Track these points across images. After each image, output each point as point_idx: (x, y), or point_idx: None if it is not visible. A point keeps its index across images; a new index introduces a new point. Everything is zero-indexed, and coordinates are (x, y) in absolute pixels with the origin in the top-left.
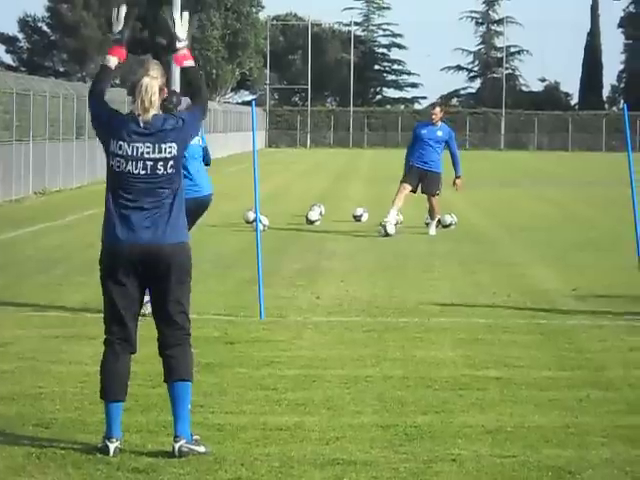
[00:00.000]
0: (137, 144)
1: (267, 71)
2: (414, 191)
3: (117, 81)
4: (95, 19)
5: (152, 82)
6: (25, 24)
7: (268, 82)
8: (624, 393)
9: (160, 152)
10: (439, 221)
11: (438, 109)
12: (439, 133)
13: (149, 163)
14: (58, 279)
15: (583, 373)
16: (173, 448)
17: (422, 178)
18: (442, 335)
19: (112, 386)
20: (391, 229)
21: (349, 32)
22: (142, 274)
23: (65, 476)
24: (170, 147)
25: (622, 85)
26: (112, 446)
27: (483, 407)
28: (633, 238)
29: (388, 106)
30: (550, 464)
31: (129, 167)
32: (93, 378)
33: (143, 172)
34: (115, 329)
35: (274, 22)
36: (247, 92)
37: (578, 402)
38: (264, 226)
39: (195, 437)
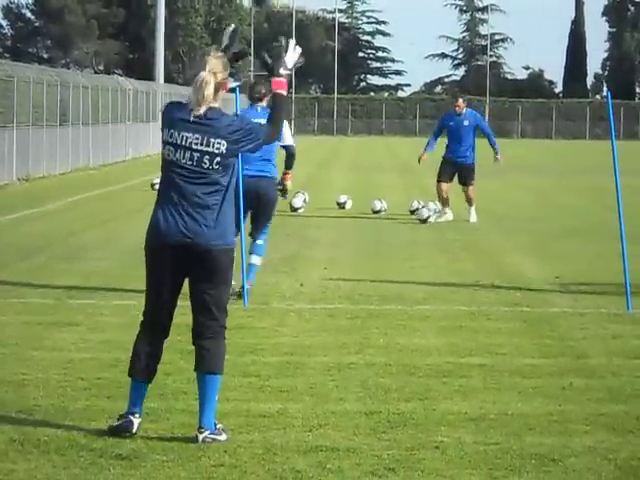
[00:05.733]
0: (187, 134)
1: (251, 58)
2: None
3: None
4: (79, 5)
5: (208, 77)
6: (9, 11)
7: (252, 69)
8: (607, 381)
9: (208, 146)
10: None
11: (461, 100)
12: (466, 122)
13: (196, 154)
14: (40, 266)
15: (566, 361)
16: (197, 437)
17: (457, 170)
18: (425, 323)
19: (138, 367)
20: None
21: (333, 19)
22: (182, 266)
23: (48, 462)
24: (219, 143)
25: (606, 73)
26: (136, 421)
27: (466, 394)
28: (616, 226)
29: (372, 93)
30: (533, 451)
31: (177, 155)
32: (76, 365)
33: (190, 163)
34: (151, 311)
35: (258, 9)
36: (231, 79)
37: (561, 390)
38: None
39: (219, 426)
